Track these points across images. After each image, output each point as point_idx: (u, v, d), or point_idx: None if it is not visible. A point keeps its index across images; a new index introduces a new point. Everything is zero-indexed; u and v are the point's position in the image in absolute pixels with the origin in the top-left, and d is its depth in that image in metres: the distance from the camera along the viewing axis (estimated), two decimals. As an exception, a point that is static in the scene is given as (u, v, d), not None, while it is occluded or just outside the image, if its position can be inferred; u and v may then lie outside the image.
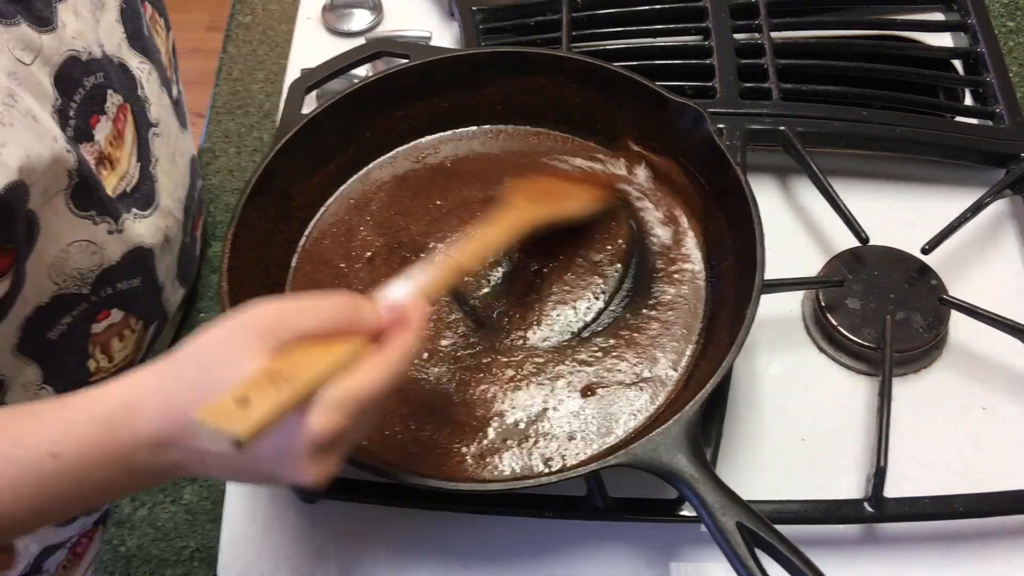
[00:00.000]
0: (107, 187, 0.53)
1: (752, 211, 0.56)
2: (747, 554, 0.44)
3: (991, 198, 0.67)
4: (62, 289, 0.51)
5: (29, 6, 0.46)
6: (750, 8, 0.78)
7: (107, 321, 0.56)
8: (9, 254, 0.45)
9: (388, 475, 0.50)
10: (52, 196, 0.47)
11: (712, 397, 0.51)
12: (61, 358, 0.54)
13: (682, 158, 0.64)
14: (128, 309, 0.57)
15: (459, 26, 0.80)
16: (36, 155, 0.44)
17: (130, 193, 0.56)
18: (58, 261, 0.50)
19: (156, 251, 0.59)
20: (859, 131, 0.70)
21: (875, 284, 0.64)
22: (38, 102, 0.46)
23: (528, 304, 0.61)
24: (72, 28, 0.49)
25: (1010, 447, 0.60)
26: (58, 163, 0.46)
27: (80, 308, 0.53)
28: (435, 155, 0.69)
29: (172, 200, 0.62)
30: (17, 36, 0.45)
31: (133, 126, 0.57)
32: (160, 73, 0.62)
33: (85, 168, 0.49)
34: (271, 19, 0.88)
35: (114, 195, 0.54)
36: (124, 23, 0.57)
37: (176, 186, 0.63)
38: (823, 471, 0.60)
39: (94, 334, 0.55)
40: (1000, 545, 0.57)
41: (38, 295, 0.49)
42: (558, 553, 0.57)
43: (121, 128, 0.55)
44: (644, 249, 0.63)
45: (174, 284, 0.64)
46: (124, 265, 0.55)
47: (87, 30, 0.51)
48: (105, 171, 0.53)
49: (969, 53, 0.77)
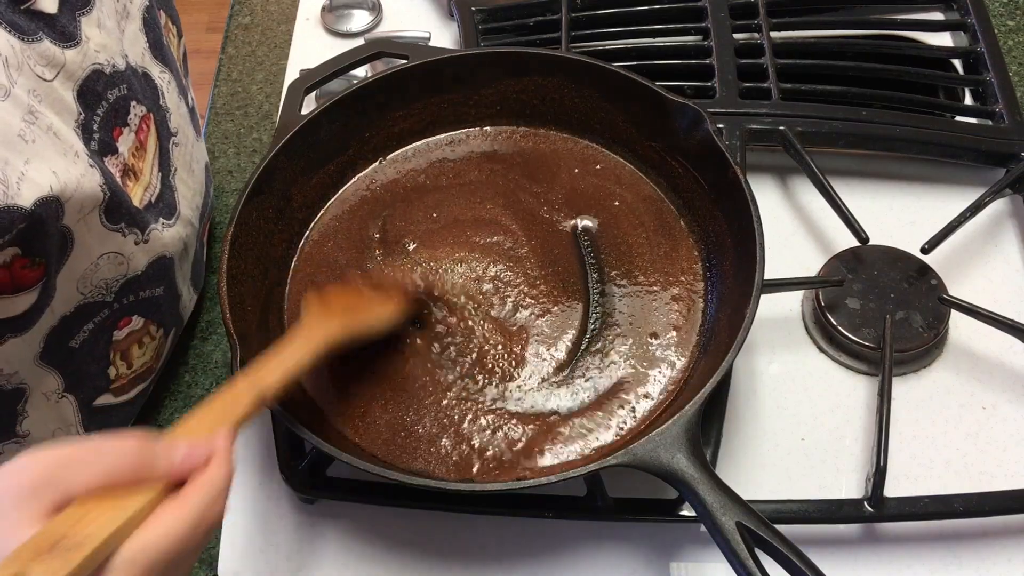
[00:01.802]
0: (133, 199, 0.53)
1: (752, 211, 0.56)
2: (747, 554, 0.44)
3: (991, 197, 0.67)
4: (87, 299, 0.51)
5: (52, 21, 0.45)
6: (749, 8, 0.78)
7: (128, 328, 0.55)
8: (39, 267, 0.45)
9: (388, 475, 0.50)
10: (88, 213, 0.47)
11: (712, 397, 0.51)
12: (83, 366, 0.53)
13: (681, 158, 0.64)
14: (149, 316, 0.57)
15: (458, 26, 0.80)
16: (63, 171, 0.44)
17: (154, 203, 0.56)
18: (87, 273, 0.49)
19: (176, 259, 0.59)
20: (859, 131, 0.70)
21: (875, 284, 0.64)
22: (60, 118, 0.45)
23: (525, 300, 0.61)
24: (96, 41, 0.49)
25: (1010, 447, 0.60)
26: (85, 178, 0.46)
27: (102, 315, 0.53)
28: (434, 155, 0.69)
29: (190, 209, 0.62)
30: (39, 53, 0.44)
31: (156, 136, 0.57)
32: (178, 81, 0.62)
33: (111, 182, 0.49)
34: (270, 20, 0.88)
35: (141, 206, 0.54)
36: (147, 32, 0.56)
37: (194, 194, 0.63)
38: (823, 471, 0.60)
39: (115, 341, 0.55)
40: (1000, 545, 0.57)
41: (65, 306, 0.49)
42: (558, 553, 0.57)
43: (143, 139, 0.55)
44: (645, 249, 0.63)
45: (189, 290, 0.64)
46: (148, 274, 0.55)
47: (111, 42, 0.51)
48: (130, 183, 0.53)
49: (969, 53, 0.77)
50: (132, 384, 0.58)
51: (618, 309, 0.61)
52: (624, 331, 0.60)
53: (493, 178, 0.68)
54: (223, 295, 0.55)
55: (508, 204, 0.66)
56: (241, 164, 0.79)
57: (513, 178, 0.67)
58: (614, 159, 0.68)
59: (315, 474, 0.57)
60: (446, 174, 0.68)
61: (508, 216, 0.65)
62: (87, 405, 0.55)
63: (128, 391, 0.58)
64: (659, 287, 0.62)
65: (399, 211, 0.66)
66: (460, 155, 0.69)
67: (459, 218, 0.65)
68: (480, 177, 0.68)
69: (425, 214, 0.66)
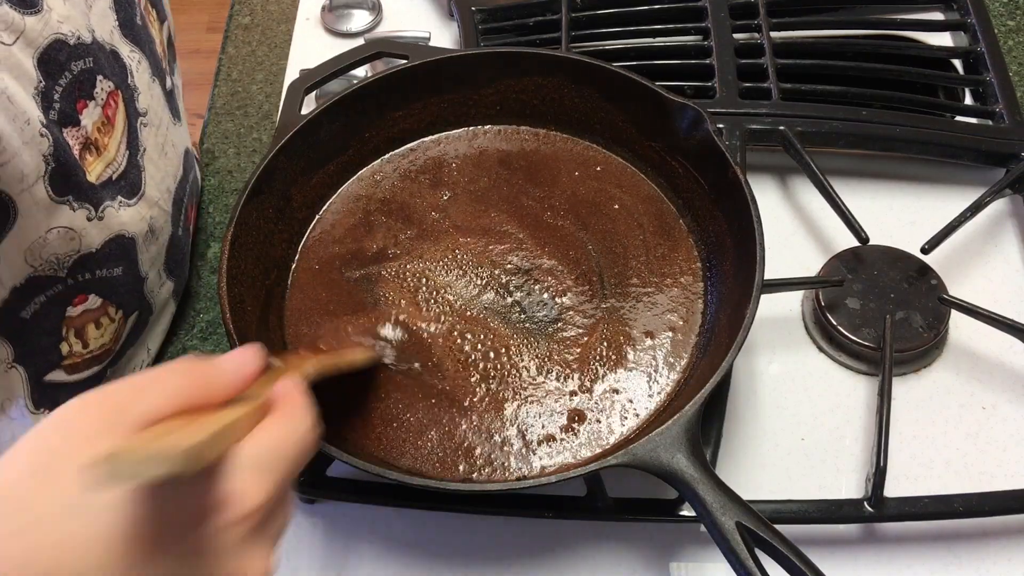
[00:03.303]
0: (91, 173, 0.53)
1: (752, 211, 0.56)
2: (747, 554, 0.44)
3: (991, 197, 0.67)
4: (37, 272, 0.51)
5: None
6: (749, 8, 0.78)
7: (83, 306, 0.55)
8: None
9: (388, 475, 0.50)
10: (32, 183, 0.47)
11: (712, 397, 0.51)
12: (33, 338, 0.53)
13: (681, 158, 0.64)
14: (107, 297, 0.57)
15: (458, 26, 0.80)
16: (6, 136, 0.44)
17: (115, 180, 0.56)
18: (36, 246, 0.50)
19: (139, 240, 0.59)
20: (859, 131, 0.70)
21: (875, 284, 0.64)
22: (18, 83, 0.46)
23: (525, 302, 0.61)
24: (59, 12, 0.49)
25: (1010, 447, 0.60)
26: (29, 145, 0.46)
27: (55, 289, 0.53)
28: (434, 156, 0.69)
29: (159, 191, 0.62)
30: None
31: (124, 114, 0.57)
32: (152, 63, 0.62)
33: (63, 153, 0.49)
34: (270, 20, 0.88)
35: (97, 181, 0.53)
36: (117, 11, 0.57)
37: (164, 176, 0.63)
38: (823, 471, 0.60)
39: (69, 317, 0.55)
40: (1000, 545, 0.57)
41: (14, 278, 0.50)
42: (558, 553, 0.57)
43: (111, 114, 0.55)
44: (644, 249, 0.63)
45: (160, 275, 0.64)
46: (104, 253, 0.55)
47: (76, 15, 0.51)
48: (91, 157, 0.53)
49: (969, 52, 0.77)
50: (87, 364, 0.58)
51: (618, 309, 0.61)
52: (624, 331, 0.60)
53: (494, 180, 0.68)
54: (223, 295, 0.55)
55: (510, 209, 0.66)
56: (241, 164, 0.79)
57: (515, 181, 0.67)
58: (614, 159, 0.68)
59: (315, 474, 0.57)
60: (447, 175, 0.68)
61: (511, 221, 0.65)
62: (37, 378, 0.55)
63: (82, 370, 0.58)
64: (659, 287, 0.62)
65: (399, 211, 0.66)
66: (460, 155, 0.69)
67: (460, 222, 0.65)
68: (481, 178, 0.68)
69: (426, 212, 0.66)
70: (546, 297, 0.61)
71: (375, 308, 0.61)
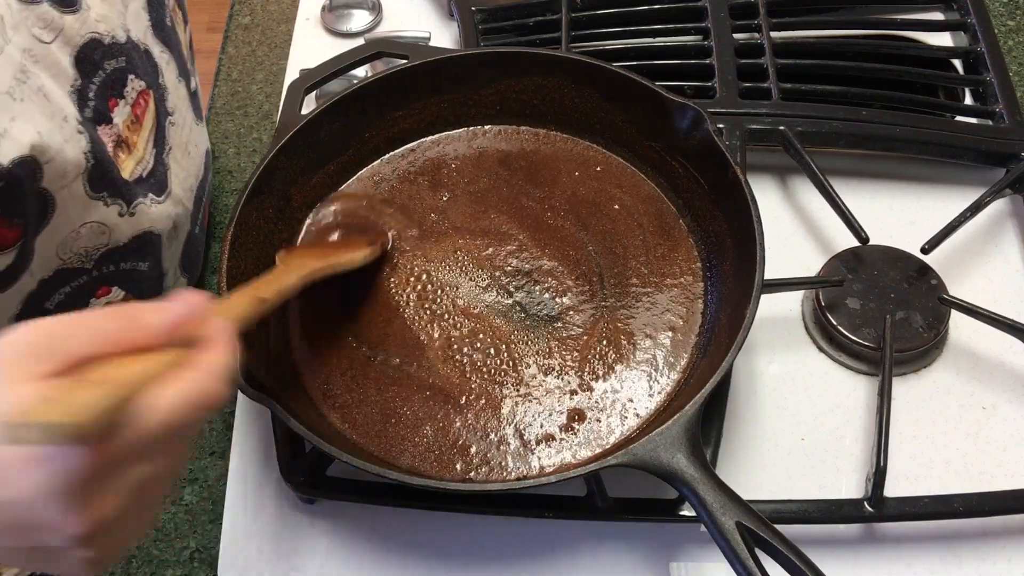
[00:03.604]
0: (124, 171, 0.53)
1: (752, 211, 0.56)
2: (747, 554, 0.44)
3: (991, 197, 0.67)
4: (66, 264, 0.51)
5: None
6: (749, 8, 0.78)
7: (106, 298, 0.56)
8: (16, 228, 0.45)
9: (388, 475, 0.50)
10: (72, 180, 0.48)
11: (712, 397, 0.51)
12: None
13: (681, 158, 0.64)
14: (129, 290, 0.58)
15: (458, 26, 0.80)
16: (47, 133, 0.44)
17: (145, 178, 0.57)
18: (68, 240, 0.50)
19: (164, 237, 0.60)
20: (859, 131, 0.70)
21: (875, 284, 0.64)
22: (55, 81, 0.46)
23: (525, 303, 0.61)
24: (97, 11, 0.50)
25: (1010, 447, 0.60)
26: (70, 144, 0.46)
27: (80, 280, 0.53)
28: (434, 156, 0.69)
29: (182, 189, 0.62)
30: (38, 15, 0.45)
31: (154, 113, 0.57)
32: (179, 64, 0.63)
33: (99, 150, 0.49)
34: (270, 20, 0.88)
35: (131, 179, 0.54)
36: (150, 11, 0.58)
37: (187, 175, 0.64)
38: (823, 471, 0.60)
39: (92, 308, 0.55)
40: (1000, 545, 0.57)
41: (44, 270, 0.50)
42: (558, 553, 0.57)
43: (140, 113, 0.55)
44: (644, 249, 0.63)
45: (176, 272, 0.65)
46: (131, 247, 0.56)
47: (113, 14, 0.51)
48: (123, 154, 0.54)
49: (969, 52, 0.77)
50: None
51: (618, 309, 0.61)
52: (624, 331, 0.60)
53: (494, 181, 0.68)
54: (223, 295, 0.55)
55: (510, 209, 0.66)
56: (241, 164, 0.79)
57: (515, 182, 0.67)
58: (614, 159, 0.68)
59: (315, 474, 0.57)
60: (446, 175, 0.68)
61: (511, 222, 0.65)
62: None
63: None
64: (659, 287, 0.62)
65: (399, 211, 0.66)
66: (460, 156, 0.69)
67: (460, 223, 0.65)
68: (481, 179, 0.68)
69: (426, 212, 0.66)
70: (547, 297, 0.61)
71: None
